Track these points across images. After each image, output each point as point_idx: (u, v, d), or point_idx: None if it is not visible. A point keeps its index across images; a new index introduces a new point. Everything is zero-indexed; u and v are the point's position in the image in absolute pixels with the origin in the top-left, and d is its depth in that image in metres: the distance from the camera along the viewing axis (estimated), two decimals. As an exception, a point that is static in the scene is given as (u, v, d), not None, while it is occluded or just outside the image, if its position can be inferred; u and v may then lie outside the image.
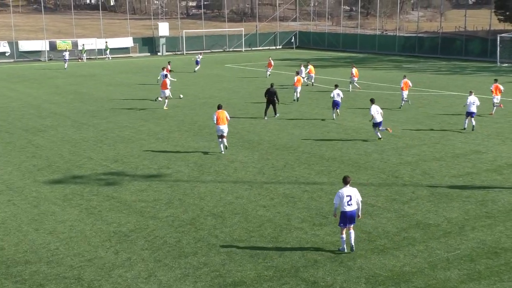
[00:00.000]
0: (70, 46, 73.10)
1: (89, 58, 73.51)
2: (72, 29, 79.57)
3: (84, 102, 40.32)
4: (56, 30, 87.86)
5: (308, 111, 35.86)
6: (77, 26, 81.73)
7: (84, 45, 73.52)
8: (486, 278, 13.96)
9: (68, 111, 36.88)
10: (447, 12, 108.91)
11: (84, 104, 39.48)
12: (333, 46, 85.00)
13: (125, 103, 39.59)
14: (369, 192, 20.31)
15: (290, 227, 17.29)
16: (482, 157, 24.73)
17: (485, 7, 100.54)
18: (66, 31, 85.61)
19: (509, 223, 17.37)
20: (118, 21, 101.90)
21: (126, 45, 79.00)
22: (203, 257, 15.34)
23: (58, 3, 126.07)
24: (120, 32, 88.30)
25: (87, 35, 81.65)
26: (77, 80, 52.86)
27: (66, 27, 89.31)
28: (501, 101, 34.58)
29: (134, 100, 40.85)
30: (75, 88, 47.71)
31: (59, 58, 68.62)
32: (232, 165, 24.00)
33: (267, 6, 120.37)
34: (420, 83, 48.27)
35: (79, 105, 39.33)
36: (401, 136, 28.61)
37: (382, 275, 14.18)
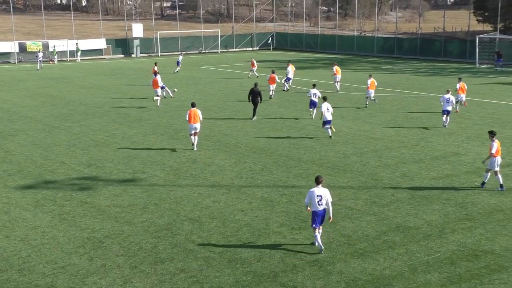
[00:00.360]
0: (40, 47, 72.02)
1: (61, 60, 72.59)
2: (42, 30, 78.58)
3: (56, 105, 39.69)
4: (26, 31, 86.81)
5: (285, 113, 35.65)
6: (47, 27, 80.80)
7: (55, 46, 72.51)
8: (466, 281, 13.83)
9: (39, 115, 36.24)
10: (426, 13, 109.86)
11: (56, 107, 38.85)
12: (311, 47, 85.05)
13: (98, 106, 39.05)
14: (349, 195, 20.11)
15: (268, 232, 17.01)
16: (462, 159, 24.68)
17: (464, 7, 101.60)
18: (36, 32, 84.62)
19: (489, 225, 17.27)
20: (91, 22, 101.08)
21: (99, 46, 78.05)
22: (180, 262, 15.02)
23: (27, 3, 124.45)
24: (93, 33, 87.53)
25: (58, 37, 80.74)
26: (48, 83, 52.10)
27: (36, 28, 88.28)
28: (466, 100, 35.07)
29: (108, 103, 40.32)
30: (46, 90, 46.99)
31: (29, 60, 67.80)
32: (209, 169, 23.66)
33: (244, 7, 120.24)
34: (399, 84, 48.41)
35: (50, 108, 38.69)
36: (381, 139, 28.50)
37: (362, 279, 13.97)
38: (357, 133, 29.81)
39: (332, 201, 15.75)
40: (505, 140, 27.91)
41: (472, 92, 43.53)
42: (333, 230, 17.01)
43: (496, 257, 15.11)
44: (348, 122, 32.49)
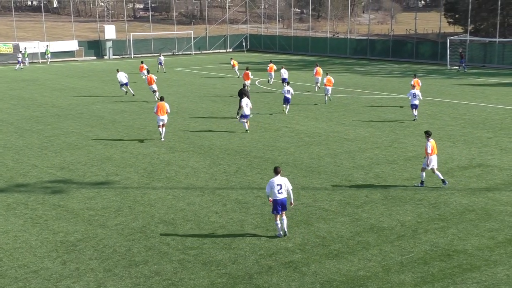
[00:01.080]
0: (11, 49, 71.22)
1: (32, 62, 71.77)
2: (13, 32, 77.63)
3: (28, 108, 39.24)
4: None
5: (259, 115, 35.66)
6: (18, 29, 79.85)
7: (26, 48, 71.64)
8: (439, 280, 13.95)
9: (10, 117, 35.79)
10: (398, 15, 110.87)
11: (28, 110, 38.41)
12: (284, 49, 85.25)
13: (71, 109, 38.70)
14: (323, 197, 20.18)
15: (243, 233, 17.00)
16: (433, 159, 24.88)
17: (435, 10, 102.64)
18: (6, 34, 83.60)
19: (461, 225, 17.45)
20: (62, 24, 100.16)
21: (70, 48, 77.28)
22: (154, 265, 14.94)
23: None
24: (65, 35, 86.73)
25: (29, 38, 79.83)
26: (20, 85, 51.49)
27: (7, 29, 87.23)
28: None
29: (80, 105, 39.97)
30: (17, 93, 46.45)
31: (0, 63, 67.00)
32: (183, 171, 23.58)
33: (217, 9, 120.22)
34: (372, 86, 48.73)
35: (22, 110, 38.24)
36: (354, 140, 28.66)
37: (337, 280, 14.02)
38: (331, 134, 29.95)
39: (292, 188, 16.65)
40: (476, 140, 28.27)
41: (444, 93, 44.05)
42: (307, 231, 17.06)
43: (468, 256, 15.27)
44: (321, 124, 32.62)
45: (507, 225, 17.39)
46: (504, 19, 74.85)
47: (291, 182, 21.58)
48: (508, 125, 31.98)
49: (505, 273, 14.29)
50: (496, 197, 20.01)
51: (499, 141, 28.19)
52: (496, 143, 27.68)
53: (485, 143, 27.71)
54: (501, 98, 41.42)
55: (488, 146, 27.21)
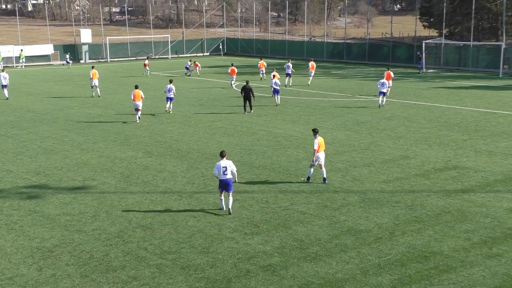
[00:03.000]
0: None
1: (6, 66, 70.91)
2: (-14, 36, 76.88)
3: (2, 112, 38.81)
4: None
5: (237, 118, 35.67)
6: (-8, 32, 79.00)
7: (1, 52, 70.88)
8: (416, 282, 14.04)
9: (-13, 122, 35.39)
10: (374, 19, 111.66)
11: (2, 115, 37.98)
12: (261, 52, 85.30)
13: (46, 113, 38.36)
14: (300, 200, 20.22)
15: (221, 237, 16.97)
16: (411, 162, 25.11)
17: (411, 13, 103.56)
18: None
19: (437, 227, 17.60)
20: (37, 28, 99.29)
21: (46, 52, 76.56)
22: (132, 270, 14.85)
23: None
24: (40, 39, 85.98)
25: (3, 42, 78.98)
26: (-4, 89, 50.86)
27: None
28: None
29: (56, 110, 39.64)
30: (-6, 97, 45.92)
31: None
32: (161, 175, 23.49)
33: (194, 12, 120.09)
34: (348, 89, 48.98)
35: (-2, 115, 37.84)
36: (331, 143, 28.75)
37: (315, 283, 14.06)
38: (308, 137, 30.01)
39: (236, 170, 19.10)
40: (451, 143, 28.55)
41: (419, 96, 44.43)
42: (285, 234, 17.09)
43: (445, 258, 15.40)
44: (299, 127, 32.72)
45: (482, 226, 17.57)
46: (478, 23, 75.73)
47: (269, 185, 21.75)
48: (483, 127, 32.35)
49: (480, 274, 14.43)
50: (471, 198, 20.22)
51: (474, 143, 28.50)
52: (471, 146, 27.97)
53: (460, 146, 27.99)
54: (475, 101, 41.89)
55: (463, 148, 27.49)
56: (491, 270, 14.64)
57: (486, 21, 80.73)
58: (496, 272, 14.52)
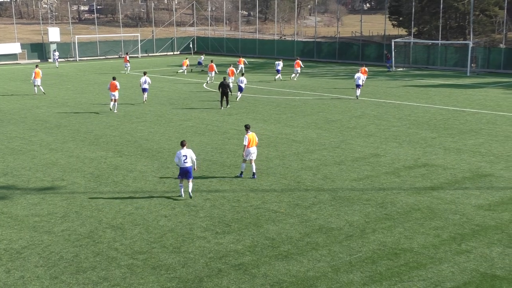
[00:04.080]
0: None
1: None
2: (-49, 34, 75.53)
3: (-29, 112, 38.21)
4: None
5: (207, 117, 35.60)
6: (-43, 31, 77.65)
7: None
8: (387, 279, 14.15)
9: (-47, 122, 34.77)
10: (344, 18, 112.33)
11: (-29, 114, 37.40)
12: (232, 51, 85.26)
13: (14, 113, 37.82)
14: (272, 198, 20.25)
15: (192, 237, 16.91)
16: (381, 160, 25.30)
17: (380, 12, 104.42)
18: None
19: (407, 224, 17.76)
20: (4, 26, 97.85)
21: (13, 51, 75.37)
22: (102, 271, 14.71)
23: None
24: (6, 37, 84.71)
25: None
26: (-37, 89, 50.09)
27: None
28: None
29: (24, 109, 39.12)
30: (-40, 97, 45.16)
31: None
32: (131, 175, 23.32)
33: (163, 11, 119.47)
34: (319, 87, 49.18)
35: (-35, 115, 37.21)
36: (302, 141, 28.86)
37: (287, 281, 14.08)
38: (279, 136, 30.10)
39: (196, 158, 20.23)
40: (421, 141, 28.84)
41: (389, 94, 44.81)
42: (257, 233, 17.09)
43: (415, 254, 15.55)
44: (270, 126, 32.76)
45: (451, 223, 17.78)
46: (446, 22, 76.72)
47: (240, 184, 21.74)
48: (451, 125, 32.75)
49: (450, 270, 14.60)
50: (440, 195, 20.45)
51: (443, 141, 28.83)
52: (440, 143, 28.30)
53: (429, 143, 28.29)
54: (444, 99, 42.39)
55: (432, 146, 27.79)
56: (460, 266, 14.82)
57: (454, 20, 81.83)
58: (465, 268, 14.71)
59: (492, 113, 36.67)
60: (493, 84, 51.19)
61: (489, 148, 27.23)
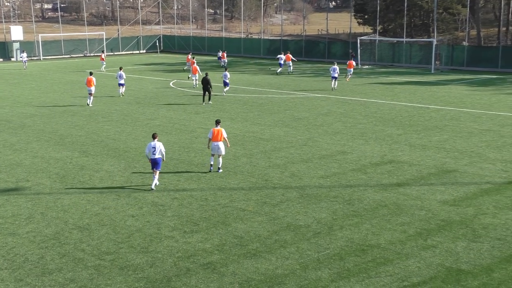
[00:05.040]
0: None
1: None
2: None
3: None
4: None
5: (175, 116, 35.44)
6: None
7: None
8: (355, 275, 14.25)
9: None
10: (310, 16, 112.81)
11: None
12: (198, 49, 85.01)
13: (-22, 112, 37.18)
14: (240, 197, 20.24)
15: (160, 236, 16.82)
16: (348, 157, 25.47)
17: (345, 10, 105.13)
18: None
19: (374, 220, 17.91)
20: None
21: None
22: (69, 272, 14.53)
23: None
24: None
25: None
26: None
27: None
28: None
29: (-11, 109, 38.47)
30: None
31: None
32: (98, 175, 23.09)
33: (129, 9, 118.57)
34: (286, 85, 49.31)
35: None
36: (269, 139, 28.91)
37: (255, 279, 14.08)
38: (246, 134, 30.10)
39: (165, 150, 21.09)
40: (387, 137, 29.12)
41: (355, 92, 45.15)
42: (225, 232, 17.07)
43: (382, 250, 15.69)
44: (237, 124, 32.74)
45: (417, 219, 17.99)
46: (410, 20, 77.56)
47: (208, 183, 21.70)
48: (416, 122, 33.13)
49: (416, 265, 14.77)
50: (406, 192, 20.67)
51: (408, 137, 29.15)
52: (405, 140, 28.60)
53: (395, 140, 28.58)
54: (409, 96, 42.86)
55: (398, 143, 28.08)
56: (426, 261, 15.00)
57: (418, 18, 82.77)
58: (431, 263, 14.89)
59: (456, 109, 37.21)
60: (457, 81, 51.94)
61: (454, 144, 27.62)
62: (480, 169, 23.49)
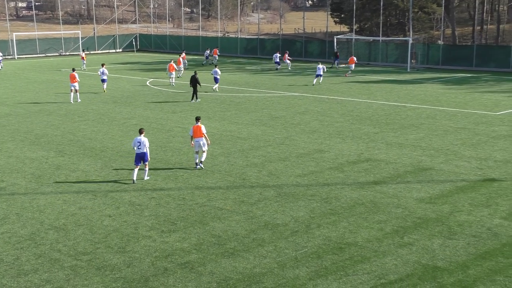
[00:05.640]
0: None
1: None
2: None
3: None
4: None
5: (151, 115, 35.28)
6: None
7: None
8: (332, 273, 14.30)
9: None
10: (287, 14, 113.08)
11: None
12: (175, 48, 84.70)
13: (-48, 112, 36.67)
14: (217, 196, 20.22)
15: (138, 236, 16.73)
16: (325, 155, 25.57)
17: (322, 9, 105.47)
18: None
19: (352, 218, 18.00)
20: None
21: None
22: (45, 273, 14.40)
23: None
24: None
25: None
26: None
27: None
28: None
29: (-37, 109, 37.96)
30: None
31: None
32: (74, 175, 22.91)
33: (105, 8, 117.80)
34: (263, 84, 49.35)
35: None
36: (247, 138, 28.91)
37: (233, 278, 14.08)
38: (224, 133, 30.08)
39: (148, 146, 21.81)
40: (364, 136, 29.28)
41: (332, 90, 45.32)
42: (203, 231, 17.04)
43: (359, 248, 15.77)
44: (214, 123, 32.69)
45: (394, 217, 18.12)
46: (386, 19, 78.07)
47: (185, 182, 21.65)
48: (393, 120, 33.36)
49: (393, 262, 14.87)
50: (383, 190, 20.81)
51: (385, 136, 29.34)
52: (382, 138, 28.79)
53: (372, 138, 28.75)
54: (385, 95, 43.14)
55: (375, 141, 28.25)
56: (403, 258, 15.11)
57: (394, 17, 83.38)
58: (408, 260, 15.00)
59: (431, 108, 37.53)
60: (432, 80, 52.40)
61: (430, 142, 27.86)
62: (455, 167, 23.72)
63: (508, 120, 33.15)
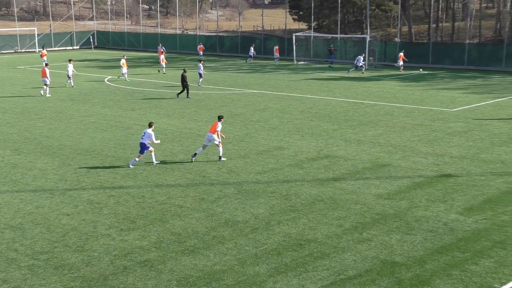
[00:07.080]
0: None
1: None
2: None
3: None
4: None
5: (110, 113, 34.92)
6: None
7: None
8: (292, 270, 14.38)
9: None
10: (245, 12, 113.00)
11: None
12: (133, 46, 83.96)
13: None
14: (177, 193, 20.14)
15: (96, 234, 16.57)
16: (285, 152, 25.67)
17: (281, 6, 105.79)
18: None
19: (311, 215, 18.12)
20: None
21: None
22: (1, 273, 14.17)
23: None
24: None
25: None
26: None
27: None
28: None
29: None
30: None
31: None
32: (31, 173, 22.54)
33: (61, 5, 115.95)
34: (222, 81, 49.27)
35: None
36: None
37: (194, 276, 14.06)
38: (183, 131, 29.96)
39: (153, 138, 22.94)
40: (323, 133, 29.49)
41: (292, 87, 45.52)
42: (162, 229, 16.95)
43: (319, 245, 15.89)
44: (174, 120, 32.53)
45: (353, 213, 18.31)
46: (344, 16, 78.78)
47: (145, 180, 21.50)
48: (351, 117, 33.66)
49: (352, 258, 15.03)
50: (342, 186, 21.00)
51: (344, 132, 29.60)
52: (341, 135, 29.04)
53: (331, 135, 28.97)
54: (344, 92, 43.50)
55: (334, 138, 28.48)
56: (362, 254, 15.29)
57: (351, 14, 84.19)
58: (367, 256, 15.18)
59: (389, 104, 38.00)
60: (390, 77, 53.03)
61: (388, 139, 28.21)
62: (412, 163, 24.08)
63: (464, 117, 33.79)
